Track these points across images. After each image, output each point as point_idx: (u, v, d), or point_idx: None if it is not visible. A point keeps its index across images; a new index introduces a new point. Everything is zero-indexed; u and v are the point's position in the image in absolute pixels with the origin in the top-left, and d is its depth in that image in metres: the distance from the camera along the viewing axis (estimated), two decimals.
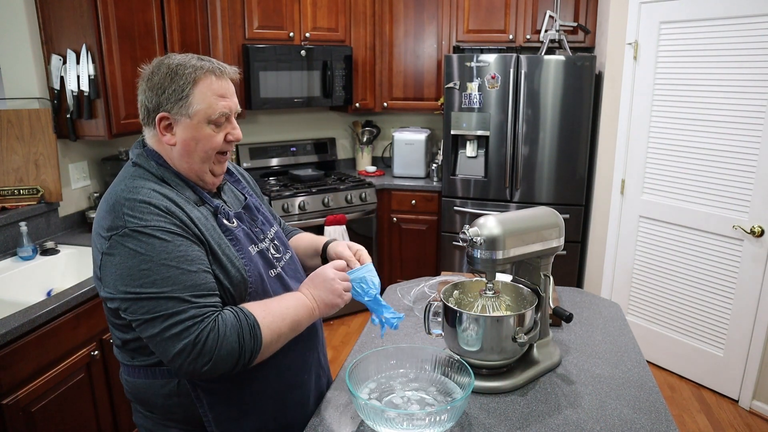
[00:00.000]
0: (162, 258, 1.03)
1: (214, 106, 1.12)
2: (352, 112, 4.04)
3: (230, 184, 1.33)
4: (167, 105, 1.11)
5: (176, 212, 1.08)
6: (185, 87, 1.10)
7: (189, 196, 1.15)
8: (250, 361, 1.08)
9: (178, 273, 1.03)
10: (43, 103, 2.45)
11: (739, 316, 2.72)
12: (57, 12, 2.39)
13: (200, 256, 1.08)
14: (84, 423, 1.98)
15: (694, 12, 2.71)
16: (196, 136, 1.13)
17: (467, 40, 3.77)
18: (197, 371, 1.03)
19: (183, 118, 1.12)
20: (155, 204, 1.06)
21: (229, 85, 1.17)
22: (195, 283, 1.04)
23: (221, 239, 1.14)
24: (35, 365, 1.75)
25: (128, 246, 1.03)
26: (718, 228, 2.75)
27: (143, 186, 1.09)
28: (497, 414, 1.22)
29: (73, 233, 2.60)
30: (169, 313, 1.01)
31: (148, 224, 1.04)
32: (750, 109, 2.56)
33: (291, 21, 3.48)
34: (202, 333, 1.01)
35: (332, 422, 1.20)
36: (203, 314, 1.03)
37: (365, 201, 3.71)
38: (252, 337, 1.06)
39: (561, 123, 3.32)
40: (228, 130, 1.17)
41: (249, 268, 1.16)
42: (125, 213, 1.05)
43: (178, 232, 1.06)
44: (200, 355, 1.01)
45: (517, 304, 1.43)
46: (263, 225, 1.30)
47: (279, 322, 1.11)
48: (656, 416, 1.21)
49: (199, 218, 1.12)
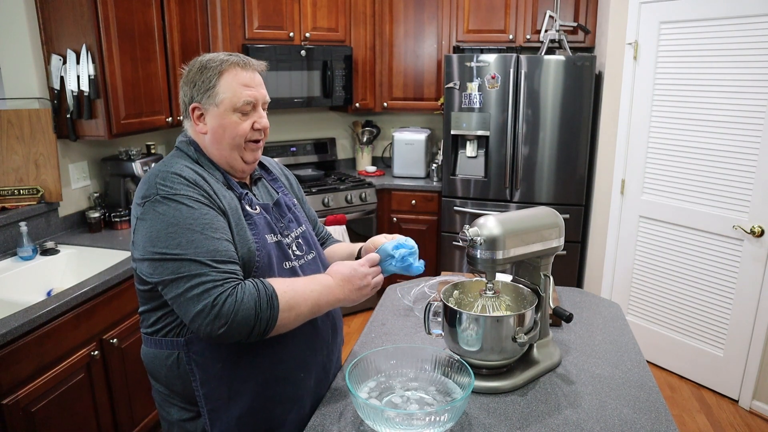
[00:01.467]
0: (188, 223, 1.11)
1: (239, 95, 1.21)
2: (352, 112, 4.04)
3: (266, 181, 1.40)
4: (198, 96, 1.23)
5: (203, 185, 1.17)
6: (212, 78, 1.21)
7: (219, 178, 1.24)
8: (266, 331, 1.11)
9: (202, 238, 1.10)
10: (43, 103, 2.45)
11: (739, 316, 2.72)
12: (57, 12, 2.39)
13: (224, 226, 1.15)
14: (84, 423, 1.98)
15: (694, 12, 2.71)
16: (223, 123, 1.22)
17: (467, 40, 3.77)
18: (214, 333, 1.07)
19: (211, 107, 1.22)
20: (185, 176, 1.16)
21: (255, 76, 1.26)
22: (217, 249, 1.11)
23: (240, 220, 1.20)
24: (35, 365, 1.75)
25: (158, 211, 1.12)
26: (718, 228, 2.75)
27: (177, 162, 1.21)
28: (497, 414, 1.22)
29: (73, 233, 2.60)
30: (191, 274, 1.08)
31: (177, 192, 1.13)
32: (750, 109, 2.56)
33: (291, 21, 3.48)
34: (220, 296, 1.07)
35: (332, 422, 1.20)
36: (223, 279, 1.09)
37: (365, 201, 3.71)
38: (269, 306, 1.10)
39: (561, 123, 3.32)
40: (255, 118, 1.24)
41: (260, 252, 1.20)
42: (158, 183, 1.15)
43: (205, 201, 1.15)
44: (217, 317, 1.06)
45: (517, 304, 1.43)
46: (290, 222, 1.35)
47: (300, 301, 1.15)
48: (656, 416, 1.21)
49: (225, 196, 1.20)
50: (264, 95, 1.27)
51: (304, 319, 1.18)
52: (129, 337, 2.17)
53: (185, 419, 1.27)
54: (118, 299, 2.12)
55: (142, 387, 2.26)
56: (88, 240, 2.50)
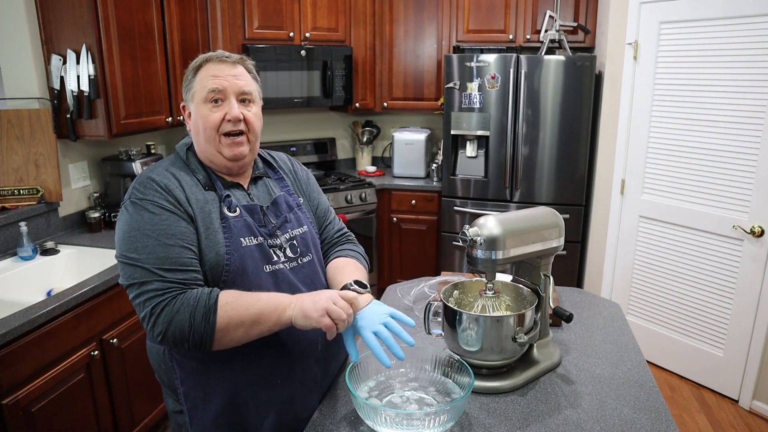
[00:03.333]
0: (146, 228, 1.14)
1: (205, 85, 1.23)
2: (352, 112, 4.04)
3: (270, 180, 1.39)
4: (184, 95, 1.29)
5: (174, 190, 1.18)
6: (189, 75, 1.26)
7: (201, 179, 1.25)
8: (204, 342, 1.10)
9: (155, 244, 1.12)
10: (43, 103, 2.45)
11: (739, 316, 2.72)
12: (57, 12, 2.39)
13: (183, 232, 1.16)
14: (84, 423, 1.98)
15: (694, 12, 2.71)
16: (197, 116, 1.24)
17: (467, 40, 3.77)
18: (155, 340, 1.13)
19: (190, 103, 1.27)
20: (157, 181, 1.18)
21: (228, 68, 1.24)
22: (167, 256, 1.12)
23: (212, 224, 1.20)
24: (35, 365, 1.75)
25: (127, 213, 1.17)
26: (718, 228, 2.75)
27: (161, 166, 1.24)
28: (497, 414, 1.22)
29: (73, 233, 2.60)
30: (140, 281, 1.12)
31: (145, 197, 1.16)
32: (750, 109, 2.56)
33: (291, 21, 3.48)
34: (157, 306, 1.10)
35: (332, 422, 1.20)
36: (164, 288, 1.11)
37: (365, 201, 3.71)
38: (204, 319, 1.10)
39: (561, 123, 3.32)
40: (226, 109, 1.23)
41: (231, 256, 1.19)
42: (134, 187, 1.19)
43: (169, 207, 1.16)
44: (155, 325, 1.10)
45: (517, 304, 1.43)
46: (286, 223, 1.31)
47: (243, 311, 1.11)
48: (656, 416, 1.21)
49: (198, 200, 1.21)
50: (238, 86, 1.23)
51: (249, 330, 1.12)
52: (129, 337, 2.17)
53: (176, 411, 1.32)
54: (118, 299, 2.11)
55: (142, 387, 2.26)
56: (88, 240, 2.50)
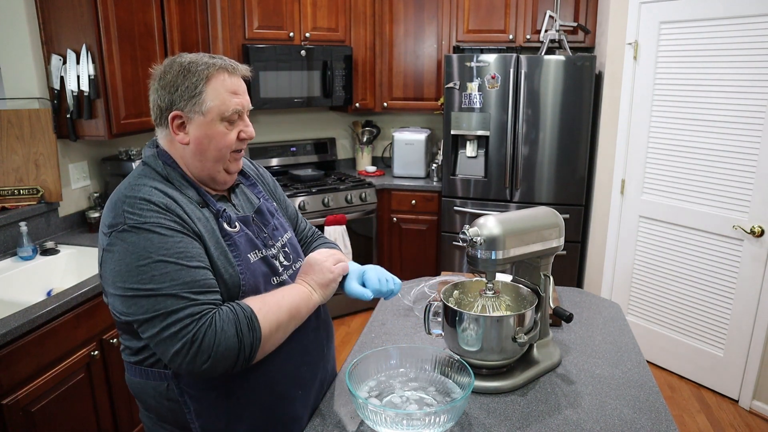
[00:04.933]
0: (161, 253, 1.02)
1: (228, 103, 1.12)
2: (352, 112, 4.04)
3: (244, 187, 1.31)
4: (180, 103, 1.11)
5: (175, 209, 1.07)
6: (198, 84, 1.10)
7: (192, 196, 1.14)
8: (252, 355, 1.06)
9: (177, 269, 1.02)
10: (43, 103, 2.45)
11: (739, 316, 2.72)
12: (57, 12, 2.39)
13: (200, 252, 1.07)
14: (84, 423, 1.98)
15: (694, 12, 2.71)
16: (209, 133, 1.12)
17: (467, 40, 3.77)
18: (197, 369, 1.02)
19: (196, 115, 1.11)
20: (154, 201, 1.06)
21: (241, 83, 1.17)
22: (194, 279, 1.03)
23: (219, 243, 1.12)
24: (35, 365, 1.75)
25: (127, 241, 1.03)
26: (718, 228, 2.75)
27: (145, 184, 1.09)
28: (497, 414, 1.22)
29: (73, 233, 2.60)
30: (167, 311, 1.01)
31: (147, 221, 1.03)
32: (750, 109, 2.56)
33: (291, 21, 3.48)
34: (199, 331, 1.00)
35: (332, 422, 1.20)
36: (201, 312, 1.02)
37: (365, 201, 3.71)
38: (250, 329, 1.04)
39: (561, 123, 3.32)
40: (241, 127, 1.16)
41: (245, 275, 1.14)
42: (125, 210, 1.05)
43: (177, 228, 1.06)
44: (198, 353, 1.00)
45: (517, 304, 1.43)
46: (275, 231, 1.27)
47: (276, 311, 1.10)
48: (656, 416, 1.21)
49: (199, 218, 1.11)
50: (249, 102, 1.18)
51: (288, 329, 1.13)
52: None
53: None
54: None
55: None
56: (88, 240, 2.50)
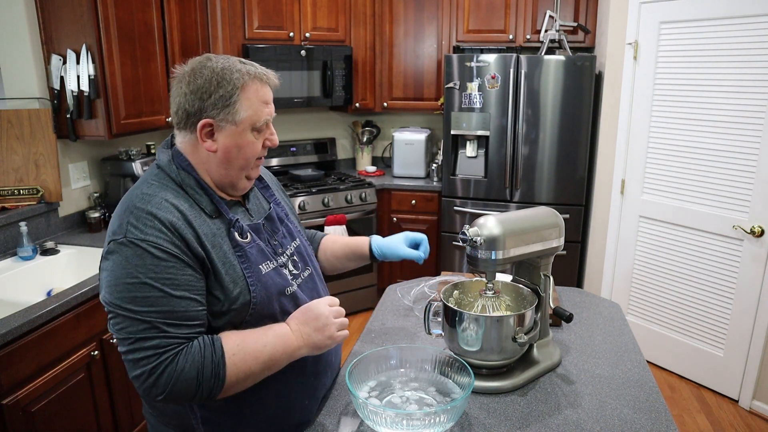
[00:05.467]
0: (149, 276, 1.01)
1: (260, 113, 1.12)
2: (352, 112, 4.04)
3: (258, 190, 1.30)
4: (212, 111, 1.08)
5: (180, 228, 1.05)
6: (233, 93, 1.09)
7: (205, 206, 1.11)
8: (211, 397, 1.05)
9: (160, 295, 1.01)
10: (43, 103, 2.45)
11: (739, 316, 2.72)
12: (57, 12, 2.39)
13: (189, 281, 1.04)
14: (84, 423, 1.98)
15: (694, 12, 2.71)
16: (239, 143, 1.11)
17: (467, 40, 3.77)
18: (152, 399, 1.02)
19: (228, 125, 1.10)
20: (160, 218, 1.04)
21: (270, 91, 1.17)
22: (173, 309, 1.02)
23: (227, 257, 1.10)
24: (35, 365, 1.75)
25: (123, 255, 1.02)
26: (718, 228, 2.75)
27: (157, 194, 1.07)
28: (497, 414, 1.22)
29: (73, 233, 2.60)
30: (136, 337, 1.00)
31: (146, 238, 1.02)
32: (750, 109, 2.56)
33: (291, 21, 3.48)
34: (159, 365, 1.00)
35: (332, 422, 1.20)
36: (167, 346, 1.01)
37: (365, 201, 3.71)
38: (214, 375, 1.03)
39: (561, 123, 3.32)
40: (267, 135, 1.17)
41: (255, 288, 1.12)
42: (129, 222, 1.04)
43: (174, 252, 1.03)
44: (154, 386, 1.00)
45: (517, 304, 1.43)
46: (284, 239, 1.26)
47: (250, 361, 1.06)
48: (656, 416, 1.21)
49: (206, 234, 1.08)
50: (274, 111, 1.19)
51: (258, 378, 1.10)
52: None
53: None
54: None
55: None
56: (88, 240, 2.50)
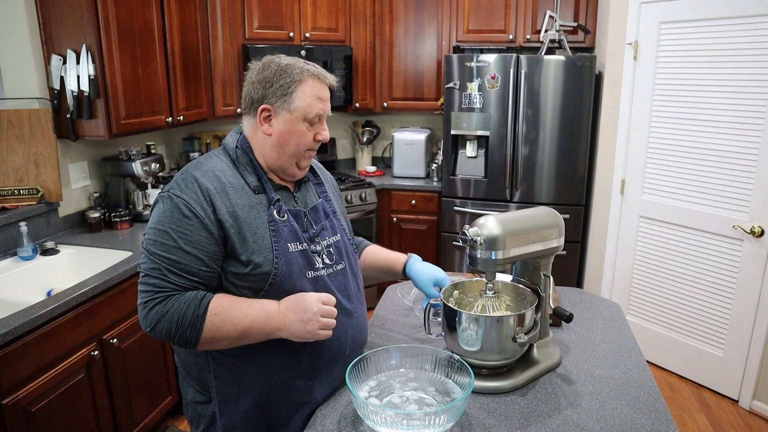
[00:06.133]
0: (171, 227, 1.17)
1: (313, 106, 1.26)
2: (352, 112, 4.03)
3: (312, 185, 1.41)
4: (272, 98, 1.25)
5: (213, 195, 1.19)
6: (291, 84, 1.24)
7: (251, 181, 1.25)
8: (187, 344, 1.17)
9: (172, 245, 1.16)
10: (43, 103, 2.45)
11: (739, 316, 2.72)
12: (57, 12, 2.39)
13: (202, 242, 1.17)
14: (84, 423, 1.98)
15: (694, 12, 2.71)
16: (291, 130, 1.25)
17: (467, 40, 3.77)
18: (143, 328, 1.18)
19: (283, 112, 1.25)
20: (199, 183, 1.19)
21: (327, 91, 1.30)
22: (177, 260, 1.16)
23: (259, 228, 1.21)
24: (35, 365, 1.75)
25: (163, 205, 1.20)
26: (718, 228, 2.75)
27: (208, 164, 1.24)
28: (497, 414, 1.22)
29: (73, 233, 2.60)
30: (145, 272, 1.18)
31: (181, 196, 1.18)
32: (750, 109, 2.56)
33: (291, 21, 3.48)
34: (151, 301, 1.15)
35: (332, 421, 1.20)
36: (163, 287, 1.16)
37: (365, 201, 3.71)
38: (191, 327, 1.15)
39: (561, 123, 3.32)
40: (318, 130, 1.29)
41: (279, 261, 1.21)
42: (177, 180, 1.22)
43: (199, 213, 1.17)
44: (144, 318, 1.17)
45: (517, 304, 1.43)
46: (324, 231, 1.34)
47: (228, 326, 1.17)
48: (656, 416, 1.21)
49: (243, 205, 1.21)
50: (329, 110, 1.31)
51: (234, 344, 1.20)
52: (129, 337, 2.17)
53: (199, 401, 1.34)
54: (118, 299, 2.11)
55: (142, 387, 2.26)
56: (88, 240, 2.50)
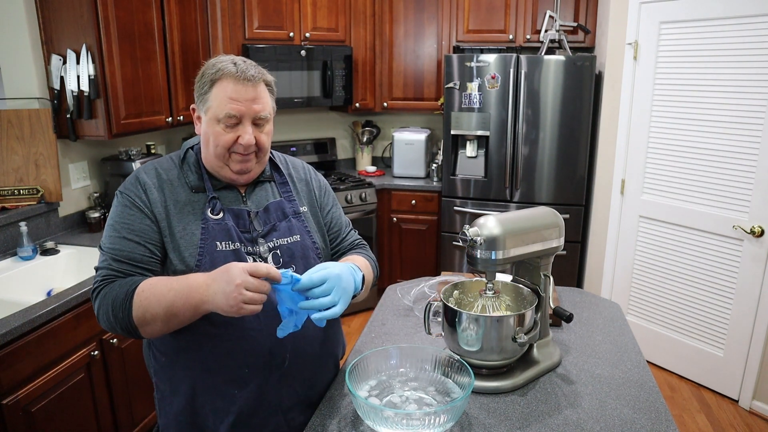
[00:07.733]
0: (115, 220, 1.23)
1: (222, 107, 1.20)
2: (352, 112, 4.04)
3: (275, 185, 1.36)
4: (197, 99, 1.27)
5: (149, 188, 1.23)
6: (205, 85, 1.23)
7: (190, 180, 1.27)
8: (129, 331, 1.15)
9: (116, 235, 1.21)
10: (43, 103, 2.45)
11: (739, 316, 2.72)
12: (57, 12, 2.39)
13: (144, 230, 1.21)
14: (84, 423, 1.98)
15: (694, 12, 2.71)
16: (208, 131, 1.24)
17: (467, 40, 3.77)
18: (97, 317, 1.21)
19: (203, 114, 1.25)
20: (140, 177, 1.26)
21: (248, 91, 1.20)
22: (121, 248, 1.19)
23: (190, 223, 1.23)
24: (35, 365, 1.75)
25: (114, 201, 1.26)
26: (718, 228, 2.75)
27: (158, 162, 1.30)
28: (497, 414, 1.22)
29: (73, 233, 2.60)
30: (98, 265, 1.22)
31: (124, 192, 1.24)
32: (750, 109, 2.56)
33: (291, 21, 3.48)
34: (96, 290, 1.19)
35: (331, 421, 1.20)
36: (107, 276, 1.19)
37: (365, 201, 3.71)
38: (122, 308, 1.14)
39: (561, 123, 3.32)
40: (240, 133, 1.22)
41: (203, 258, 1.21)
42: (127, 179, 1.28)
43: (138, 205, 1.22)
44: (95, 307, 1.19)
45: (517, 304, 1.43)
46: (273, 231, 1.28)
47: (154, 303, 1.11)
48: (656, 416, 1.21)
49: (178, 201, 1.24)
50: (254, 111, 1.21)
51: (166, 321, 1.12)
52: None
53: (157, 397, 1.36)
54: None
55: (142, 387, 2.26)
56: (88, 240, 2.50)
